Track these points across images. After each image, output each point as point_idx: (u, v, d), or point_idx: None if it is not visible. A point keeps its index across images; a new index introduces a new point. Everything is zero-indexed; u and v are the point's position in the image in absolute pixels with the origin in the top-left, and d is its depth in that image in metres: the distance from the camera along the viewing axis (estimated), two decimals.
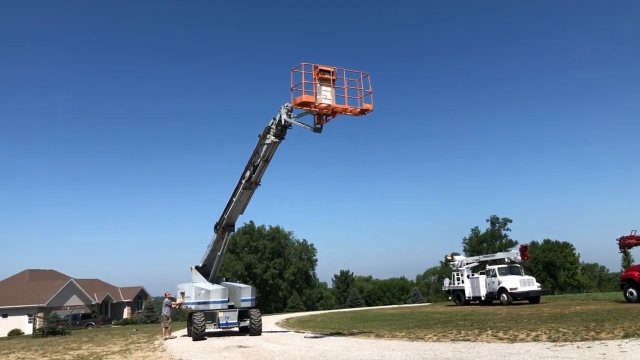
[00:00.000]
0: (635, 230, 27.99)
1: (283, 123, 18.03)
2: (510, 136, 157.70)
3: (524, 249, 35.59)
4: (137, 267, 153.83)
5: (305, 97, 16.38)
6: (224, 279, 23.70)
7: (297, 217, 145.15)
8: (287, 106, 18.01)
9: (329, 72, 16.98)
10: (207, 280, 22.38)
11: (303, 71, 16.55)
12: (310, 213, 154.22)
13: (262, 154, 19.36)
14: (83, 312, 55.42)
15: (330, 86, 16.98)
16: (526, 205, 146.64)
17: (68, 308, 56.26)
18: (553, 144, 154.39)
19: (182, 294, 22.60)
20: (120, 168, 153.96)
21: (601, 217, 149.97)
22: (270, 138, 18.66)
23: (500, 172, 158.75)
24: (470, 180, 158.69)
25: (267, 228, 76.20)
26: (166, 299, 23.16)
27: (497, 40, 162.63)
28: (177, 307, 22.94)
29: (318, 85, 16.69)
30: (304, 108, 16.97)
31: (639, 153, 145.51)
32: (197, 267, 22.95)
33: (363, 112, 17.49)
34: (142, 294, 74.22)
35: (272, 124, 18.68)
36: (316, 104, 16.66)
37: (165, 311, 22.49)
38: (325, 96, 16.78)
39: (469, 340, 14.69)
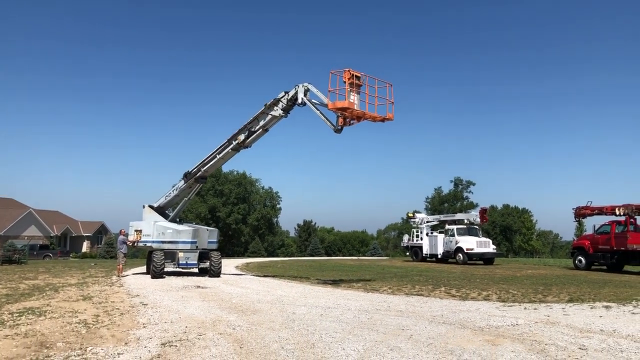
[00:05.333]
0: (591, 202, 28.92)
1: (300, 101, 18.21)
2: (483, 101, 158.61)
3: (483, 212, 36.44)
4: (98, 202, 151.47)
5: (347, 103, 16.57)
6: (178, 219, 23.59)
7: (265, 163, 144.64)
8: (305, 86, 18.20)
9: (358, 77, 17.05)
10: (167, 220, 22.36)
11: (347, 79, 16.69)
12: (279, 161, 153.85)
13: (263, 123, 19.49)
14: (41, 242, 54.77)
15: (357, 92, 17.07)
16: (490, 170, 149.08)
17: (26, 238, 55.58)
18: (521, 112, 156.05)
19: (138, 231, 22.31)
20: (91, 94, 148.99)
21: (560, 186, 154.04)
22: (278, 111, 18.88)
23: (468, 134, 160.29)
24: (439, 141, 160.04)
25: (234, 173, 75.92)
26: (121, 237, 22.55)
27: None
28: (132, 244, 22.63)
29: (348, 90, 16.74)
30: (340, 112, 17.05)
31: (602, 123, 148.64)
32: (151, 206, 22.75)
33: (383, 120, 17.84)
34: (102, 229, 73.69)
35: (282, 97, 18.81)
36: (353, 111, 16.84)
37: (123, 249, 22.06)
38: (353, 101, 16.87)
39: (422, 295, 15.13)
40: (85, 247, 69.26)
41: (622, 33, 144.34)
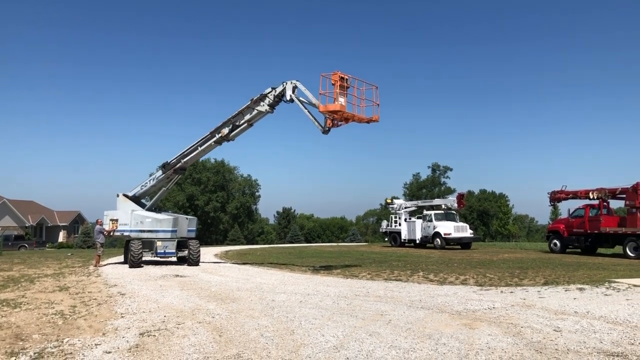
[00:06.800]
0: (566, 186, 29.41)
1: (288, 99, 18.22)
2: (462, 89, 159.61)
3: (460, 197, 36.78)
4: (74, 191, 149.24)
5: (339, 106, 16.68)
6: (155, 208, 23.31)
7: (243, 151, 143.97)
8: (293, 83, 18.23)
9: (346, 79, 17.11)
10: (143, 209, 22.12)
11: (336, 81, 16.77)
12: (257, 149, 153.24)
13: (248, 117, 19.43)
14: (16, 233, 53.84)
15: (345, 94, 17.12)
16: (467, 155, 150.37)
17: (0, 228, 54.64)
18: (497, 99, 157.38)
19: (114, 220, 21.96)
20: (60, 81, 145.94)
21: (536, 171, 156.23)
22: (264, 106, 18.86)
23: (445, 121, 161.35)
24: (416, 127, 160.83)
25: (212, 161, 75.37)
26: (98, 226, 22.11)
27: None
28: (108, 234, 22.26)
29: (337, 92, 16.82)
30: (331, 114, 17.10)
31: (576, 110, 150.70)
32: (125, 195, 22.46)
33: (369, 121, 18.01)
34: (79, 219, 72.82)
35: (269, 93, 18.78)
36: (343, 113, 16.96)
37: (100, 238, 21.69)
38: (341, 102, 16.95)
39: (400, 280, 15.25)
40: (61, 237, 68.38)
41: (597, 27, 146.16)
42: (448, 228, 34.13)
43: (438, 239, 34.30)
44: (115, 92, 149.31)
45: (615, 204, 28.00)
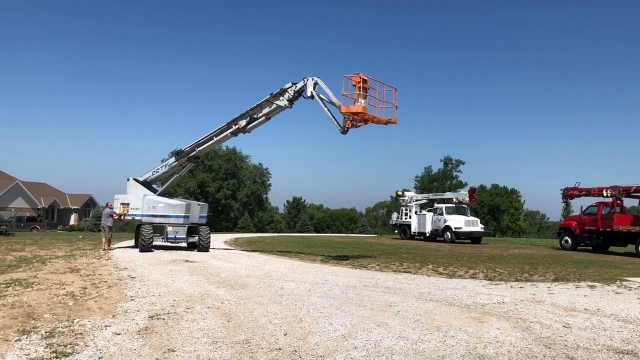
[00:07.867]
0: (579, 183, 29.17)
1: (309, 95, 18.28)
2: (475, 83, 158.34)
3: (472, 191, 36.59)
4: (87, 175, 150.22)
5: (361, 108, 16.81)
6: (166, 194, 23.39)
7: (255, 139, 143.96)
8: (314, 79, 18.28)
9: (366, 81, 17.16)
10: (154, 194, 22.24)
11: (357, 83, 16.90)
12: (269, 138, 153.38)
13: (267, 111, 19.55)
14: (28, 214, 54.37)
15: (365, 95, 17.15)
16: (480, 150, 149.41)
17: (13, 209, 55.17)
18: (511, 94, 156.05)
19: (125, 204, 22.02)
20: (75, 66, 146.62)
21: (549, 168, 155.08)
22: (284, 101, 18.99)
23: (458, 115, 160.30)
24: (430, 120, 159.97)
25: (224, 149, 75.54)
26: (107, 209, 22.07)
27: None
28: (118, 217, 22.35)
29: (358, 94, 16.88)
30: (351, 116, 17.20)
31: (591, 105, 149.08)
32: (136, 180, 22.55)
33: (387, 123, 18.11)
34: (90, 202, 73.32)
35: (289, 88, 18.85)
36: (364, 115, 17.07)
37: (109, 222, 21.76)
38: (362, 103, 17.02)
39: (410, 272, 15.23)
40: (73, 219, 68.94)
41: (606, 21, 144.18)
42: (459, 222, 34.00)
43: (448, 233, 34.19)
44: (129, 81, 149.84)
45: (629, 202, 27.80)
